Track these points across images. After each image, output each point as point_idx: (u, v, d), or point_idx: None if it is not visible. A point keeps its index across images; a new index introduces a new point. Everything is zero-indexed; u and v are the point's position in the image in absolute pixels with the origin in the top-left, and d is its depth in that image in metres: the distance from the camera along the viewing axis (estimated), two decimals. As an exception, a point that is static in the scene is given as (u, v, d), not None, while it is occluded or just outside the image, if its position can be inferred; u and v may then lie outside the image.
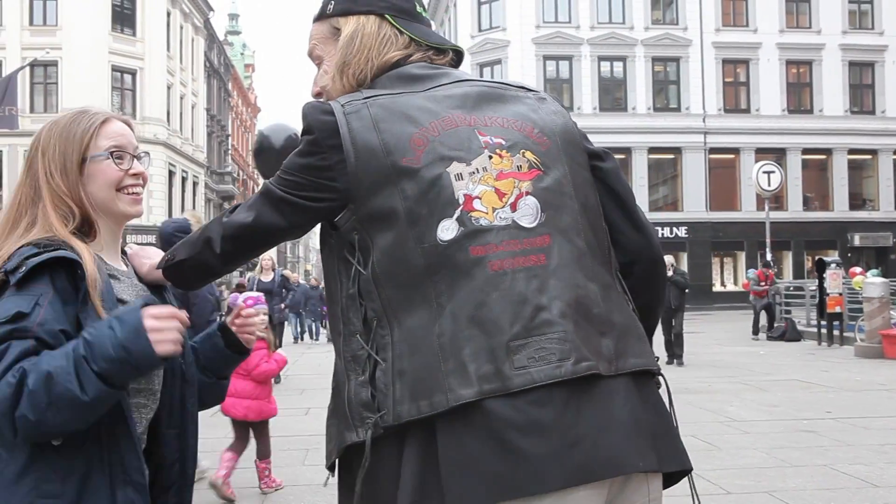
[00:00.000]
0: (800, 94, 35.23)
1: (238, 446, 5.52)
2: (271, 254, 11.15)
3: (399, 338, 1.42)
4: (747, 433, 7.15)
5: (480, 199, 1.45)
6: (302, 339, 22.54)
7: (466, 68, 33.77)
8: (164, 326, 1.46)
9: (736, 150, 34.03)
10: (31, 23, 32.32)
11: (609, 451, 1.34)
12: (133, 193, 1.72)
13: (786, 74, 34.86)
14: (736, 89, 35.32)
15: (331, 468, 1.56)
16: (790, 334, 17.50)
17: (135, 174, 1.72)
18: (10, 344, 1.41)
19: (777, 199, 30.81)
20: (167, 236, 5.58)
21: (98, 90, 30.66)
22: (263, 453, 5.59)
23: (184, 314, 1.53)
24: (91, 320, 1.49)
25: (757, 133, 33.90)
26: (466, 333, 1.37)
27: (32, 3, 32.50)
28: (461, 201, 1.44)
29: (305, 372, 13.59)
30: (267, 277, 11.08)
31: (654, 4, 35.09)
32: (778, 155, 32.38)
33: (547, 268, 1.43)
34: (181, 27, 38.88)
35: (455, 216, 1.43)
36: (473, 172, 1.47)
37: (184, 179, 38.58)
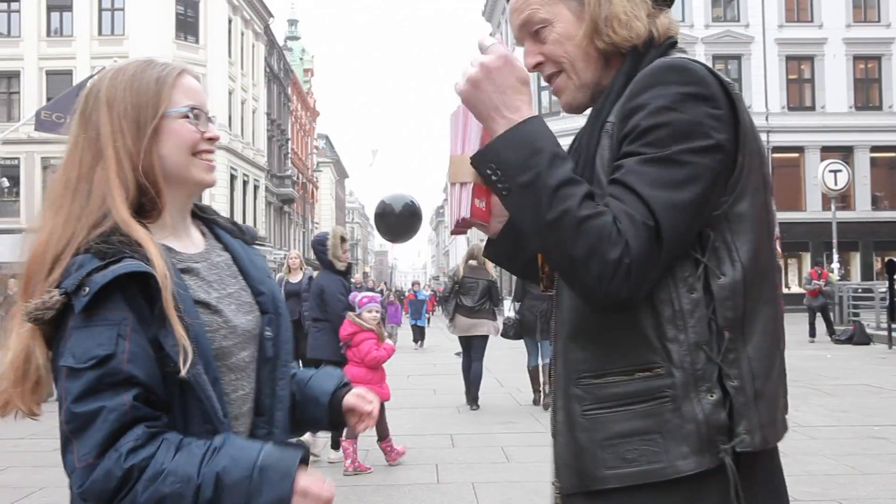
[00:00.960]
0: (868, 90, 34.20)
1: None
2: (299, 252, 10.83)
3: (754, 355, 1.33)
4: (815, 439, 6.98)
5: (779, 238, 1.50)
6: None
7: None
8: None
9: (800, 149, 33.21)
10: (99, 33, 33.37)
11: None
12: (208, 160, 1.49)
13: (853, 70, 33.89)
14: (800, 86, 34.47)
15: (602, 491, 1.37)
16: (859, 337, 17.00)
17: (210, 138, 1.48)
18: (102, 406, 1.20)
19: (844, 199, 29.93)
20: (313, 246, 7.07)
21: (163, 97, 31.42)
22: (381, 435, 6.29)
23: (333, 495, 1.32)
24: (170, 339, 1.27)
25: (822, 131, 33.00)
26: (783, 364, 1.43)
27: (101, 14, 33.56)
28: (774, 236, 1.46)
29: (364, 373, 13.69)
30: (295, 278, 10.05)
31: (714, 2, 34.48)
32: (845, 153, 31.49)
33: None
34: (242, 34, 39.64)
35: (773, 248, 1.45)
36: (775, 210, 1.50)
37: (245, 183, 39.31)
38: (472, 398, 9.46)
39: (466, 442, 7.41)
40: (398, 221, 6.90)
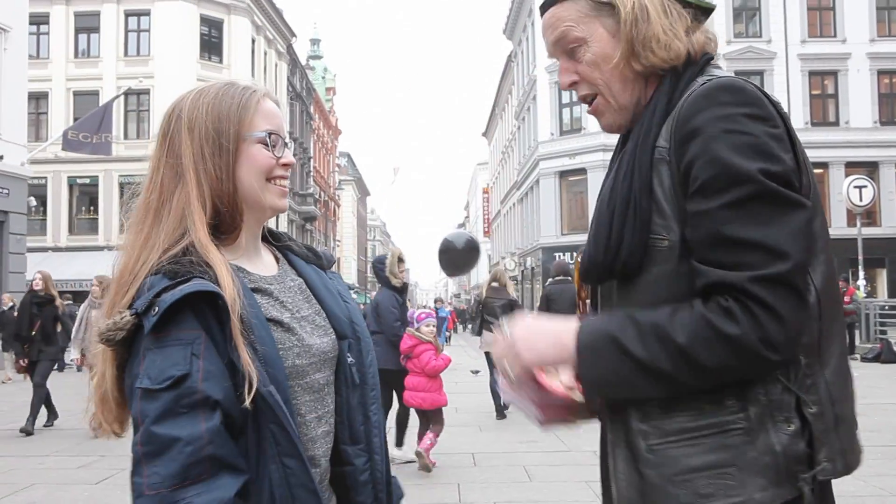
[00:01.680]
0: (892, 105, 33.82)
1: (433, 427, 7.04)
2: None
3: (832, 378, 1.30)
4: (842, 459, 6.86)
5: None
6: None
7: (545, 90, 32.89)
8: None
9: (824, 165, 32.88)
10: (125, 54, 33.85)
11: None
12: (282, 185, 1.48)
13: (877, 85, 33.55)
14: (824, 102, 34.18)
15: None
16: (886, 356, 16.75)
17: (285, 164, 1.47)
18: (178, 438, 1.18)
19: (869, 215, 29.61)
20: (373, 264, 7.83)
21: (187, 116, 31.83)
22: (435, 434, 7.16)
23: None
24: (238, 360, 1.25)
25: (847, 146, 32.68)
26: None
27: (127, 35, 34.07)
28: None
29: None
30: None
31: (736, 17, 34.38)
32: (870, 169, 31.15)
33: None
34: (265, 53, 40.07)
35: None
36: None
37: (267, 201, 39.56)
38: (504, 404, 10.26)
39: (488, 461, 7.37)
40: (460, 255, 7.62)
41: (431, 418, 7.09)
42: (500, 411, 10.07)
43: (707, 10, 1.49)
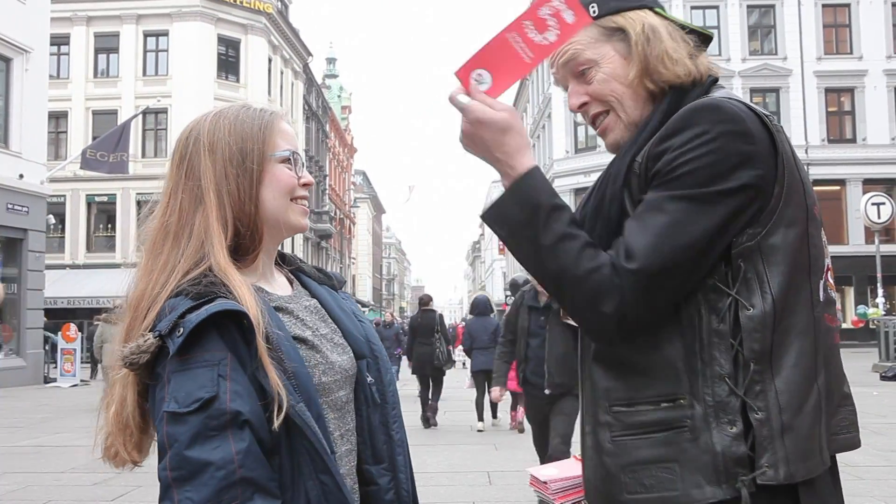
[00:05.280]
0: (910, 122, 33.65)
1: (521, 403, 9.27)
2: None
3: (782, 388, 1.32)
4: (862, 479, 6.78)
5: (831, 270, 1.50)
6: None
7: (560, 108, 33.30)
8: None
9: (842, 182, 32.73)
10: (144, 73, 34.26)
11: None
12: (304, 204, 1.49)
13: (895, 101, 33.39)
14: (840, 119, 34.05)
15: None
16: (906, 374, 16.54)
17: (305, 184, 1.48)
18: (210, 462, 1.16)
19: (888, 232, 29.30)
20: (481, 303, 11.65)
21: (204, 135, 32.09)
22: (514, 406, 10.58)
23: None
24: (265, 380, 1.24)
25: (864, 163, 32.52)
26: (826, 398, 1.40)
27: (146, 55, 34.51)
28: (825, 268, 1.46)
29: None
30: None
31: (751, 34, 34.38)
32: (888, 185, 30.94)
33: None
34: (281, 72, 40.44)
35: (823, 280, 1.44)
36: (825, 242, 1.49)
37: (283, 219, 39.73)
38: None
39: (504, 479, 7.33)
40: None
41: (517, 398, 9.91)
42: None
43: (707, 39, 1.56)
